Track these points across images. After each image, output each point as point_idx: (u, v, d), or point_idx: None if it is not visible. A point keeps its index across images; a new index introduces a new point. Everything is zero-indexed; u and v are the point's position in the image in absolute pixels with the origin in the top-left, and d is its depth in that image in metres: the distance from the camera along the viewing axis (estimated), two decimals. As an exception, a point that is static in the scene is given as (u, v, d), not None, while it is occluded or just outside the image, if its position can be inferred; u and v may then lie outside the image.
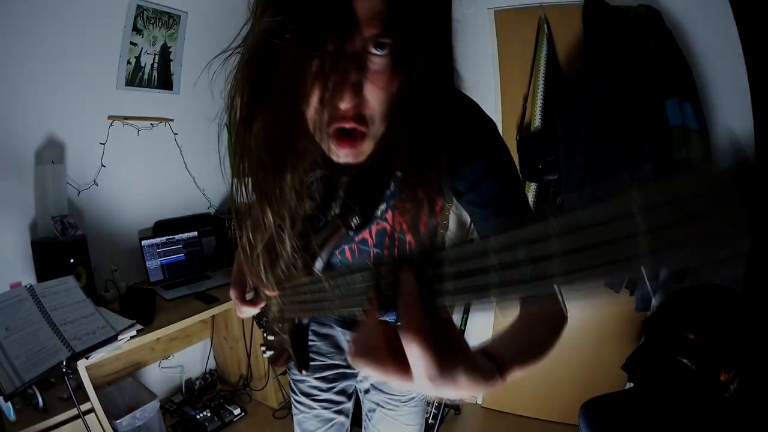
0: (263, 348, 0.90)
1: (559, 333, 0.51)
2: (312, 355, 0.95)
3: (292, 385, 0.98)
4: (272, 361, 0.89)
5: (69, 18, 1.69)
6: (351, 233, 0.52)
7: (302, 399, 0.96)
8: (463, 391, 0.33)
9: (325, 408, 0.95)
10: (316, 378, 0.94)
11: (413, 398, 0.98)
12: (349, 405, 0.99)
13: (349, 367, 0.96)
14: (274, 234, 0.51)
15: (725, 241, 0.17)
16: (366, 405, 1.04)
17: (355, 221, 0.51)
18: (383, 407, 0.99)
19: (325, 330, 0.95)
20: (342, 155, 0.47)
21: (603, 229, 0.20)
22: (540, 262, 0.22)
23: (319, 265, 0.52)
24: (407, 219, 0.56)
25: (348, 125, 0.45)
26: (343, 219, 0.52)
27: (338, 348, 0.95)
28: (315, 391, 0.95)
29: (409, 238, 0.67)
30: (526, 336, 0.48)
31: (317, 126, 0.44)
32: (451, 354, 0.31)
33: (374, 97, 0.44)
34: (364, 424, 1.07)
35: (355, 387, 1.01)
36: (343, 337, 0.94)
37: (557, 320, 0.51)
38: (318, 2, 0.39)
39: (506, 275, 0.24)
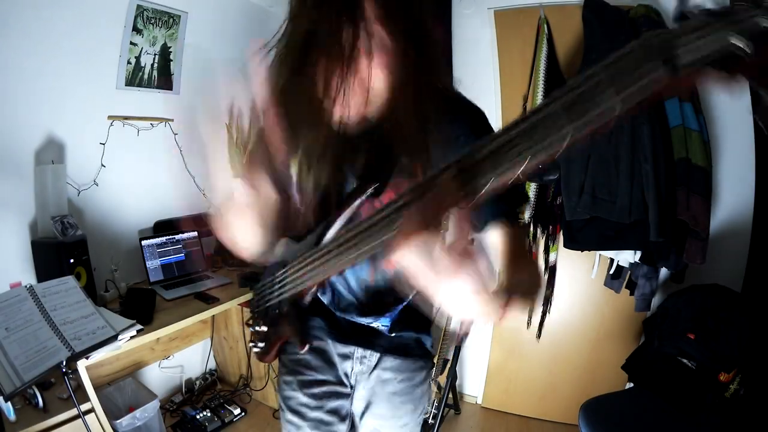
0: (252, 344, 0.88)
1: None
2: (300, 369, 0.91)
3: (282, 404, 0.93)
4: (261, 356, 0.88)
5: (69, 18, 1.68)
6: (368, 197, 0.67)
7: (291, 417, 0.91)
8: (476, 293, 0.43)
9: (315, 428, 0.89)
10: (305, 394, 0.90)
11: (407, 425, 0.94)
12: (342, 428, 0.93)
13: (340, 384, 0.92)
14: (303, 169, 0.67)
15: None
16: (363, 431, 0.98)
17: (371, 190, 0.66)
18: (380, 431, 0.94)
19: (315, 343, 0.90)
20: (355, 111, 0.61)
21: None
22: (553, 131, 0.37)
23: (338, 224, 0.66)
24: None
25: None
26: (360, 187, 0.67)
27: (329, 363, 0.91)
28: (304, 409, 0.90)
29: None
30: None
31: (336, 91, 0.58)
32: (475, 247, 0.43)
33: (379, 74, 0.59)
34: None
35: (350, 410, 0.95)
36: (334, 350, 0.90)
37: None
38: (333, 8, 0.54)
39: (536, 141, 0.38)
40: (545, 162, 0.39)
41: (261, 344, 0.88)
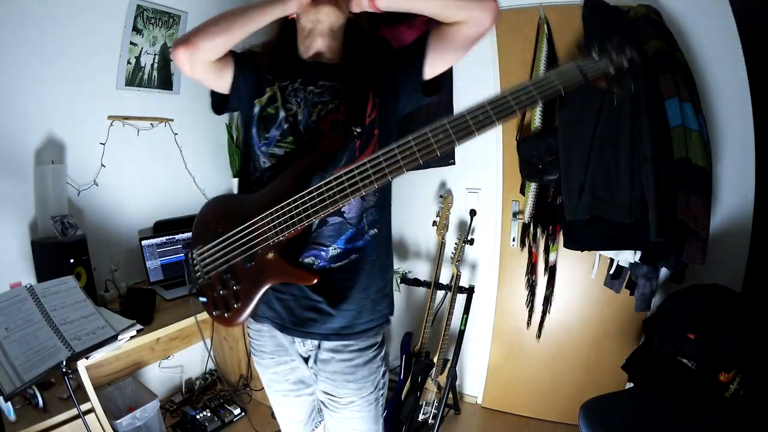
0: (216, 312, 0.88)
1: None
2: (260, 353, 1.03)
3: (259, 372, 1.07)
4: (233, 318, 0.85)
5: (69, 18, 1.69)
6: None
7: (265, 385, 1.08)
8: None
9: (285, 396, 1.05)
10: (270, 372, 1.03)
11: (353, 402, 0.97)
12: (309, 391, 1.03)
13: (298, 359, 0.98)
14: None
15: None
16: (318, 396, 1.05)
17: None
18: (327, 407, 1.01)
19: (266, 331, 0.99)
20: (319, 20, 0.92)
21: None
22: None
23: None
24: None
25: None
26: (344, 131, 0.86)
27: (282, 346, 0.99)
28: (272, 383, 1.05)
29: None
30: None
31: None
32: None
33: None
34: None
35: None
36: (285, 340, 0.97)
37: None
38: None
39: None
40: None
41: (235, 305, 0.85)
